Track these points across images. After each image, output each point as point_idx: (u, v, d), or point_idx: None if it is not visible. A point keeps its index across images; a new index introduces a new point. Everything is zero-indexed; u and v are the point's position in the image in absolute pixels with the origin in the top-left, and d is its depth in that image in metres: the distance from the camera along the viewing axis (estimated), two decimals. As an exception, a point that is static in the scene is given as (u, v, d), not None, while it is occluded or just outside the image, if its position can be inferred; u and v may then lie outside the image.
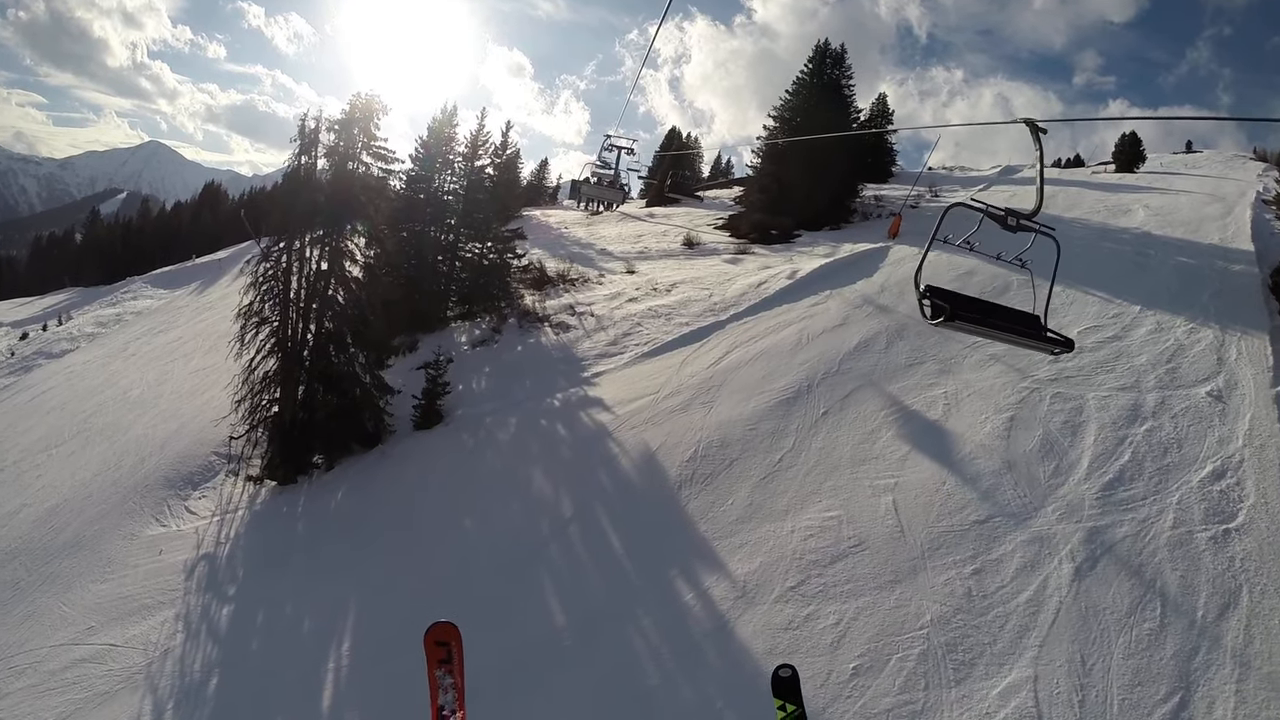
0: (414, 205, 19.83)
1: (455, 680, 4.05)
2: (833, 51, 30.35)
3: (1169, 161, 43.21)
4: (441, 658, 4.06)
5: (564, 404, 14.56)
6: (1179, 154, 49.83)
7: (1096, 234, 23.63)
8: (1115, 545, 9.83)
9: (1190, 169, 37.96)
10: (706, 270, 22.39)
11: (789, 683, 4.16)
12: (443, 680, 4.03)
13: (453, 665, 4.05)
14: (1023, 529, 10.34)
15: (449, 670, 4.04)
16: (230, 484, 15.62)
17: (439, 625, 4.11)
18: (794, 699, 4.14)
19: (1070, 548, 9.90)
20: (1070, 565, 9.62)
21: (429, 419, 14.97)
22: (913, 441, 12.77)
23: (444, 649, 4.07)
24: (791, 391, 14.21)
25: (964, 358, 15.23)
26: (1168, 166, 39.69)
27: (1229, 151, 47.59)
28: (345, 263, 14.60)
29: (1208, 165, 39.50)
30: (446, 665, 4.05)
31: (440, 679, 4.02)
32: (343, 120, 14.34)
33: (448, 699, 4.01)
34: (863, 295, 18.70)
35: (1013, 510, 10.68)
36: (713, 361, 15.39)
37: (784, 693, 4.13)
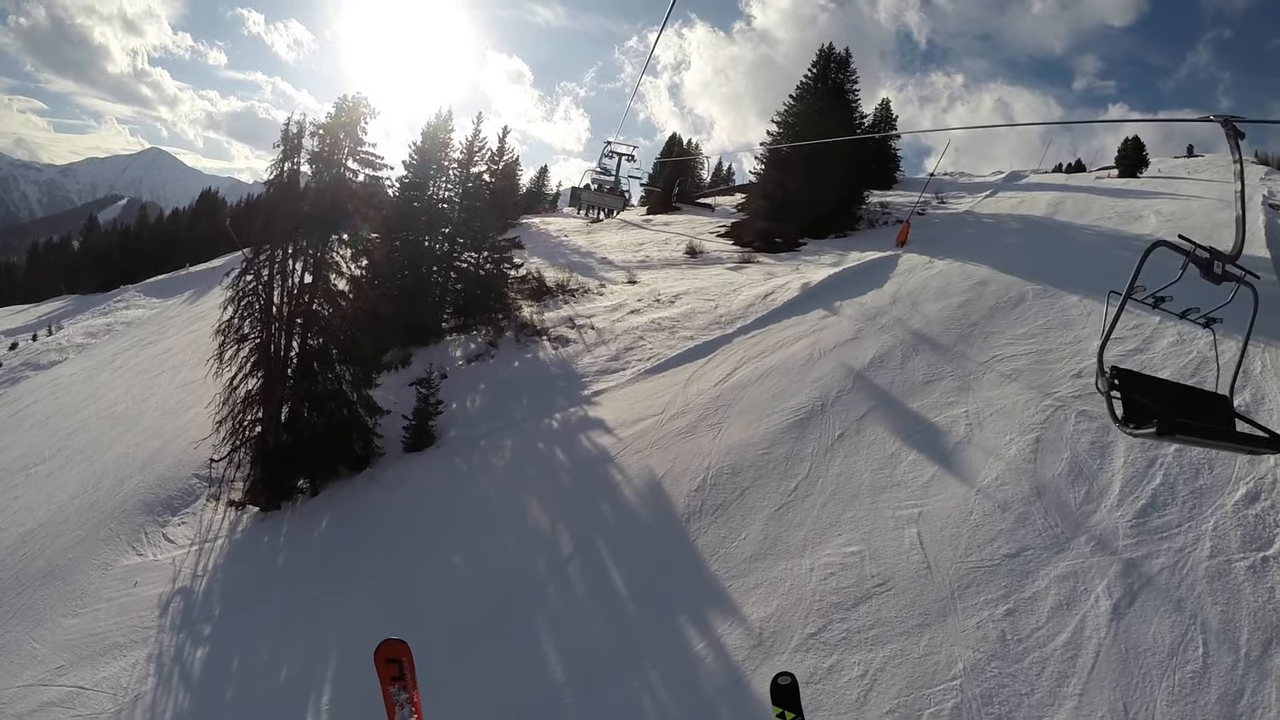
0: (408, 214, 18.88)
1: (410, 695, 3.97)
2: (837, 56, 29.50)
3: (1171, 166, 42.59)
4: (394, 674, 3.99)
5: (563, 425, 13.57)
6: (1180, 158, 49.23)
7: (1109, 241, 22.87)
8: (1153, 579, 9.05)
9: (1192, 174, 37.38)
10: (710, 280, 21.44)
11: (788, 691, 4.03)
12: (398, 697, 3.96)
13: (406, 681, 3.98)
14: (1056, 562, 9.47)
15: (403, 686, 3.97)
16: (211, 509, 14.63)
17: (389, 642, 4.01)
18: (793, 707, 4.02)
19: (1107, 583, 9.06)
20: (1108, 602, 8.80)
21: (420, 440, 13.99)
22: (936, 466, 11.86)
23: (396, 665, 3.99)
24: (804, 412, 13.24)
25: (983, 374, 14.34)
26: (1170, 171, 39.09)
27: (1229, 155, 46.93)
28: (331, 275, 13.64)
29: (1209, 170, 38.94)
30: (400, 681, 3.98)
31: (395, 695, 3.95)
32: (328, 124, 13.39)
33: (404, 714, 3.92)
34: (874, 307, 17.74)
35: (1044, 541, 9.79)
36: (720, 379, 14.42)
37: (783, 701, 4.01)
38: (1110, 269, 20.07)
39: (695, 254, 25.77)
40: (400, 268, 18.87)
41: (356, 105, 13.44)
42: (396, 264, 18.72)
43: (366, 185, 13.79)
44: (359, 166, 13.72)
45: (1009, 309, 17.10)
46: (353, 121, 13.40)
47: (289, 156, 13.34)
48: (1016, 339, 15.43)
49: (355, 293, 13.67)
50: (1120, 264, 21.17)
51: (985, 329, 16.20)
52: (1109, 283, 20.09)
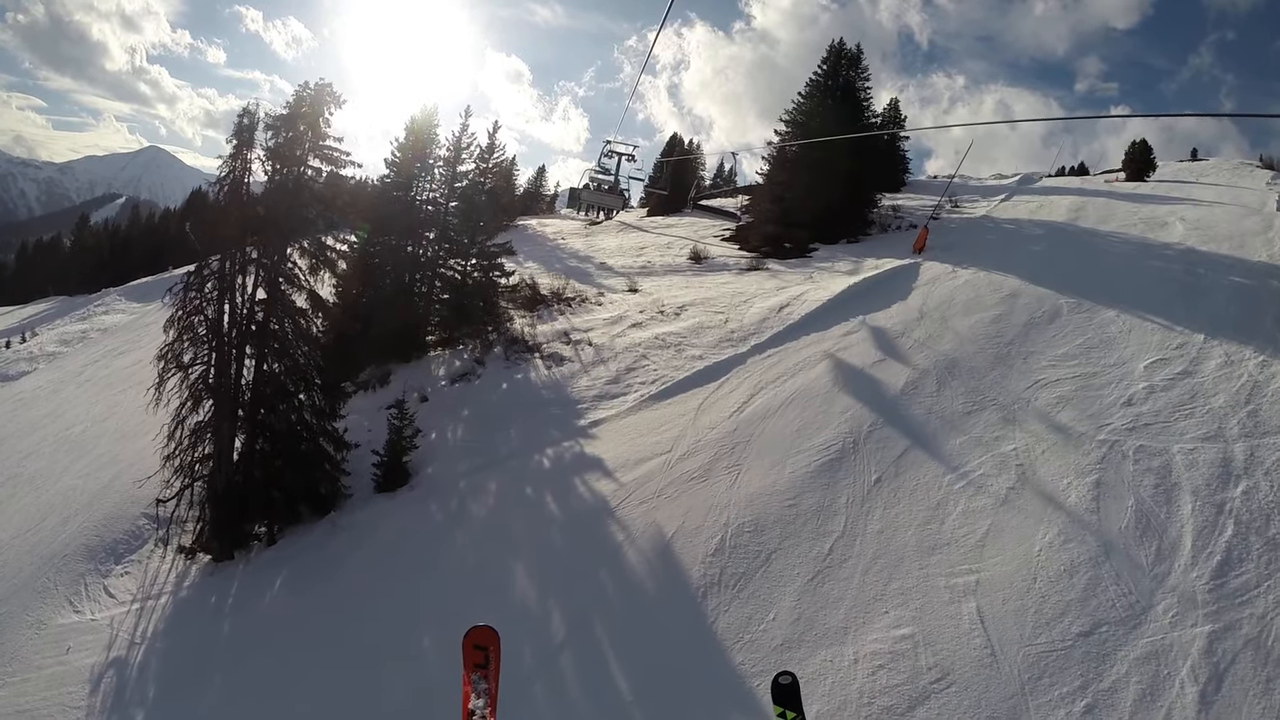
0: (389, 216, 16.75)
1: (489, 686, 3.79)
2: (848, 52, 27.33)
3: (1177, 170, 40.83)
4: (479, 661, 3.81)
5: (555, 463, 11.49)
6: (1184, 161, 47.54)
7: (1138, 250, 21.15)
8: (1238, 656, 7.76)
9: (1199, 178, 35.77)
10: (718, 289, 19.36)
11: (789, 690, 3.80)
12: (477, 685, 3.78)
13: (489, 670, 3.82)
14: (1134, 641, 7.98)
15: (484, 675, 3.81)
16: (159, 556, 12.56)
17: (478, 629, 3.86)
18: (794, 706, 3.80)
19: (1191, 664, 7.67)
20: (1194, 689, 7.44)
21: (393, 480, 11.92)
22: (989, 518, 10.02)
23: (482, 653, 3.80)
24: (834, 450, 11.21)
25: (1027, 403, 12.56)
26: (1177, 175, 37.37)
27: (1234, 159, 45.49)
28: (292, 289, 11.53)
29: (1215, 173, 37.41)
30: (483, 670, 3.82)
31: (475, 683, 3.77)
32: (286, 115, 11.25)
33: (479, 704, 3.72)
34: (900, 322, 15.72)
35: (1119, 613, 8.15)
36: (735, 408, 12.36)
37: (784, 700, 3.78)
38: (1143, 280, 18.12)
39: (700, 259, 23.71)
40: (380, 276, 16.76)
41: (319, 93, 11.30)
42: (375, 272, 16.59)
43: (330, 184, 11.67)
44: (321, 163, 11.59)
45: (1044, 325, 15.30)
46: (315, 112, 11.28)
47: (241, 152, 11.20)
48: (1058, 361, 13.54)
49: (317, 308, 11.56)
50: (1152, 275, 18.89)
51: (1023, 348, 14.38)
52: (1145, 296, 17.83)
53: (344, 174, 11.81)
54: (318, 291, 11.66)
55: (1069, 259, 20.01)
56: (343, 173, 11.78)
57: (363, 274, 16.46)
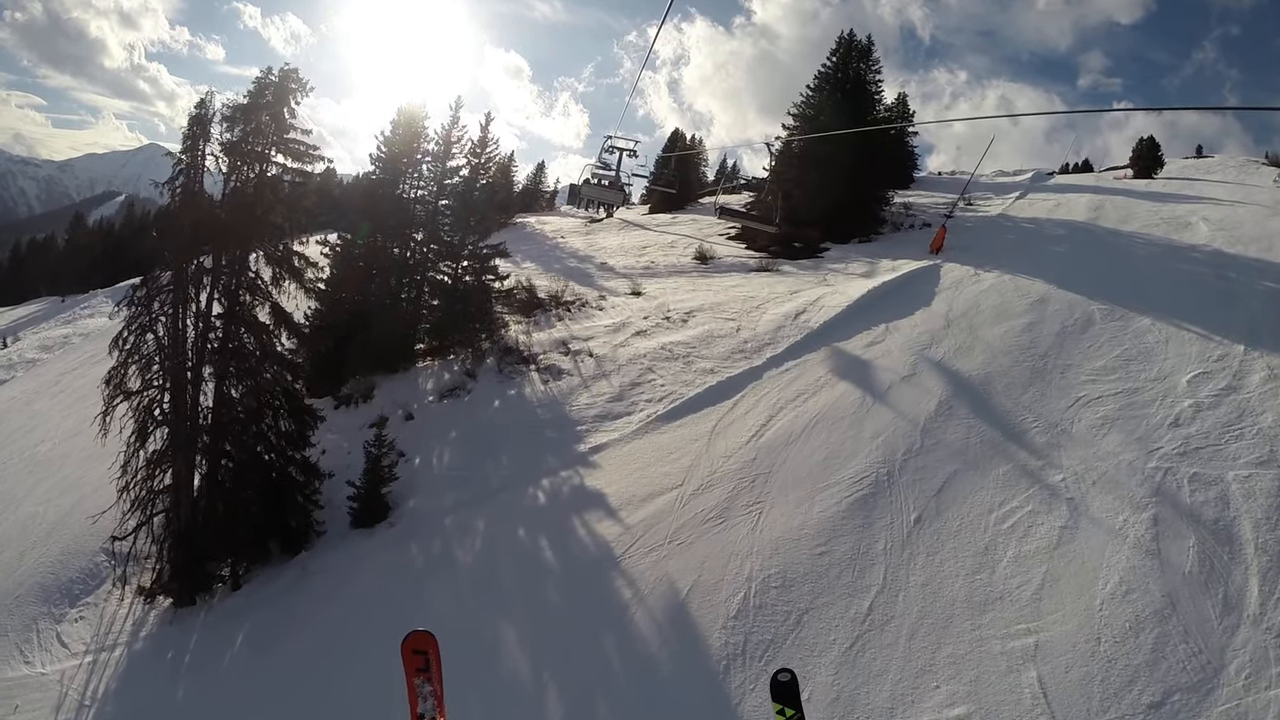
0: (373, 217, 15.24)
1: (434, 688, 3.69)
2: (859, 44, 25.75)
3: (1183, 167, 39.58)
4: (419, 665, 3.72)
5: (552, 498, 10.04)
6: (1190, 158, 46.19)
7: (1165, 252, 19.95)
8: None
9: (1207, 175, 34.59)
10: (727, 292, 17.86)
11: (788, 687, 3.70)
12: (421, 688, 3.68)
13: (431, 673, 3.70)
14: (1208, 710, 6.88)
15: (427, 678, 3.68)
16: (116, 598, 11.13)
17: (416, 634, 3.75)
18: (793, 704, 3.68)
19: None
20: None
21: (371, 514, 10.48)
22: (1043, 564, 8.85)
23: (422, 657, 3.71)
24: (868, 483, 9.78)
25: (1071, 424, 11.25)
26: (1184, 172, 36.24)
27: (1239, 156, 44.37)
28: (255, 301, 10.05)
29: (1222, 170, 36.44)
30: (425, 673, 3.69)
31: (419, 687, 3.69)
32: (246, 106, 9.73)
33: (427, 706, 3.65)
34: (927, 331, 14.29)
35: (1191, 678, 7.09)
36: (753, 432, 10.90)
37: (783, 698, 3.69)
38: (1174, 285, 16.81)
39: (705, 259, 22.20)
40: (364, 281, 15.26)
41: (283, 81, 9.77)
42: (359, 277, 15.10)
43: (296, 183, 10.17)
44: (286, 159, 10.09)
45: (1078, 334, 14.03)
46: (278, 102, 9.77)
47: (196, 148, 9.69)
48: (1097, 375, 12.38)
49: (280, 323, 10.07)
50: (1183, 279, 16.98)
51: (1059, 361, 13.09)
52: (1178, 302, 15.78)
53: (311, 170, 10.34)
54: (281, 304, 10.16)
55: (1096, 262, 18.75)
56: (310, 169, 10.30)
57: (346, 279, 14.97)
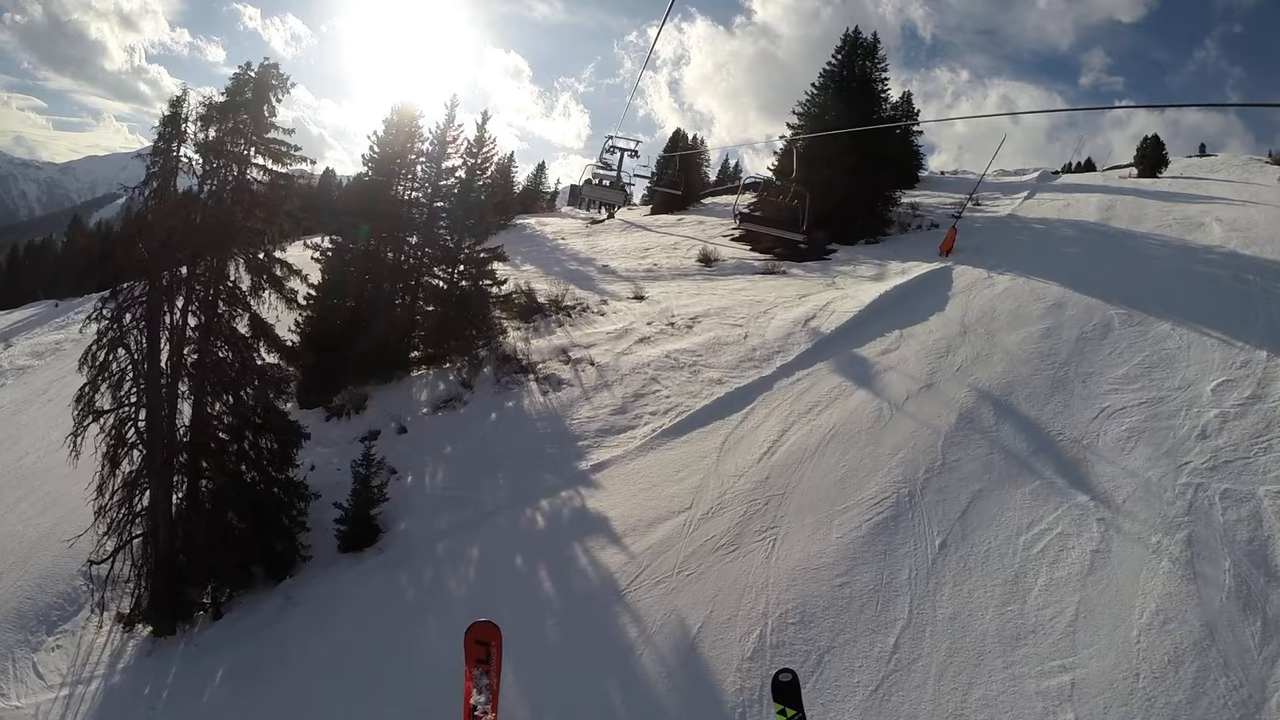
0: (365, 219, 14.52)
1: (491, 681, 3.70)
2: (864, 42, 25.05)
3: (1186, 165, 38.80)
4: (480, 657, 3.73)
5: (551, 522, 9.32)
6: (1193, 157, 45.43)
7: (1180, 253, 19.26)
8: None
9: (1210, 174, 33.83)
10: (733, 296, 17.14)
11: (789, 687, 3.71)
12: (479, 680, 3.70)
13: (490, 665, 3.70)
14: None
15: (486, 670, 3.68)
16: (94, 625, 10.43)
17: (480, 625, 3.75)
18: (794, 704, 3.68)
19: None
20: None
21: (359, 538, 9.77)
22: (1076, 592, 8.39)
23: (484, 649, 3.72)
24: (888, 505, 9.06)
25: (1096, 437, 10.60)
26: (1188, 171, 35.45)
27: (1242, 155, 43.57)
28: (235, 313, 9.34)
29: (1225, 170, 35.58)
30: (484, 665, 3.70)
31: (477, 678, 3.71)
32: (223, 104, 9.01)
33: (481, 699, 3.65)
34: (943, 338, 13.58)
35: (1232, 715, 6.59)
36: (764, 449, 10.18)
37: (784, 698, 3.70)
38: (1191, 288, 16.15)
39: (710, 262, 21.47)
40: (357, 287, 14.55)
41: (263, 77, 9.03)
42: (351, 282, 14.39)
43: (278, 186, 9.45)
44: (267, 160, 9.35)
45: (1098, 340, 13.25)
46: (259, 98, 9.05)
47: (171, 149, 8.97)
48: (1120, 384, 11.78)
49: (259, 335, 9.35)
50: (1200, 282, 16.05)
51: (1080, 369, 12.37)
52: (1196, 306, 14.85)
53: (293, 173, 9.61)
54: (261, 315, 9.43)
55: (1110, 264, 18.04)
56: (292, 171, 9.58)
57: (338, 285, 14.26)
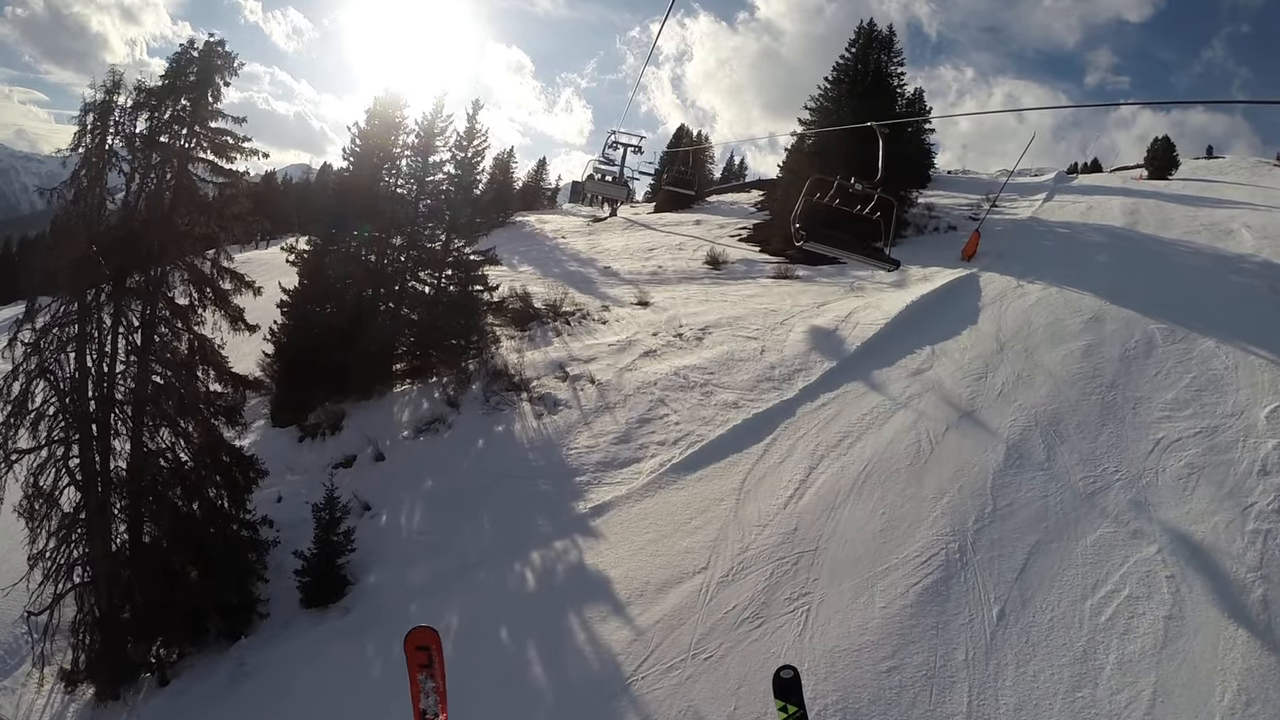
0: (344, 219, 13.02)
1: (437, 684, 3.68)
2: (879, 34, 23.44)
3: (1196, 168, 37.39)
4: (423, 662, 3.71)
5: (543, 582, 7.87)
6: (1201, 159, 44.00)
7: (1212, 262, 17.97)
8: None
9: (1220, 176, 32.46)
10: (745, 304, 15.66)
11: (790, 684, 3.70)
12: (424, 684, 3.67)
13: (433, 669, 3.68)
14: None
15: (430, 674, 3.67)
16: (35, 682, 9.00)
17: (419, 630, 3.74)
18: (795, 700, 3.68)
19: None
20: None
21: (323, 591, 8.34)
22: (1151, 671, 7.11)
23: (424, 653, 3.70)
24: (936, 565, 7.65)
25: (1155, 474, 9.37)
26: (1197, 173, 34.09)
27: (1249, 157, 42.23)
28: (176, 334, 7.86)
29: (1234, 172, 34.26)
30: (428, 669, 3.68)
31: (422, 683, 3.68)
32: (160, 89, 7.47)
33: (429, 702, 3.65)
34: (978, 355, 12.15)
35: None
36: (790, 491, 8.73)
37: (785, 694, 3.68)
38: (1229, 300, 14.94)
39: (718, 264, 19.94)
40: (335, 293, 13.06)
41: (207, 57, 7.49)
42: (328, 288, 12.90)
43: (224, 185, 7.94)
44: (212, 155, 7.84)
45: (1142, 359, 11.99)
46: (202, 84, 7.53)
47: (98, 143, 7.44)
48: (1171, 410, 10.56)
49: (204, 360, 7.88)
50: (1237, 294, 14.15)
51: (1128, 393, 11.06)
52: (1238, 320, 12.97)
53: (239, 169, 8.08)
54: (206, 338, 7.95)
55: (1144, 273, 16.63)
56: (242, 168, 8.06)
57: (314, 291, 12.77)
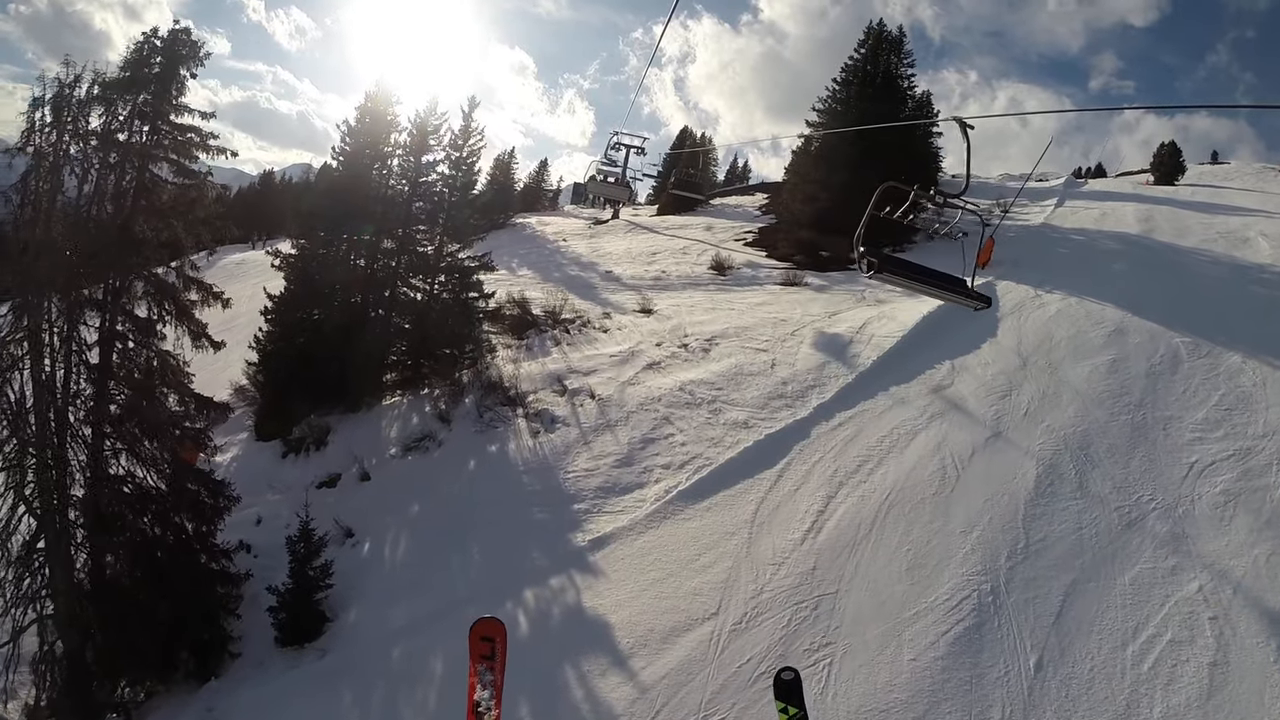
0: (333, 220, 12.28)
1: (495, 678, 3.51)
2: (889, 35, 22.73)
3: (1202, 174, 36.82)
4: (485, 653, 3.56)
5: (537, 627, 7.13)
6: (1206, 164, 43.39)
7: (1232, 272, 17.34)
8: None
9: (1226, 182, 31.87)
10: (753, 312, 14.93)
11: (791, 685, 3.61)
12: (483, 676, 3.50)
13: (495, 662, 3.53)
14: None
15: (490, 666, 3.51)
16: None
17: (485, 621, 3.58)
18: (796, 702, 3.61)
19: None
20: None
21: (299, 629, 7.61)
22: None
23: (488, 644, 3.55)
24: (968, 610, 6.95)
25: (1191, 503, 8.66)
26: (1203, 179, 33.51)
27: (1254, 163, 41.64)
28: (140, 346, 7.13)
29: (1240, 178, 33.72)
30: (489, 661, 3.53)
31: (480, 674, 3.51)
32: (121, 81, 6.73)
33: (484, 695, 3.47)
34: (1001, 371, 11.46)
35: None
36: (808, 523, 8.01)
37: (786, 695, 3.60)
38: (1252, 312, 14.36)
39: (723, 269, 19.18)
40: (322, 299, 12.32)
41: (170, 46, 6.76)
42: (315, 294, 12.16)
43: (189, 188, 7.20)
44: (176, 154, 7.10)
45: (1168, 375, 11.41)
46: (166, 76, 6.79)
47: (55, 140, 6.71)
48: (1202, 431, 9.97)
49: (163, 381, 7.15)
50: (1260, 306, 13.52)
51: (1157, 411, 10.45)
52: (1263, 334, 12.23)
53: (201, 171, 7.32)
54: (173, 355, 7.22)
55: (1163, 282, 15.98)
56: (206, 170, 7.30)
57: (300, 298, 12.04)
